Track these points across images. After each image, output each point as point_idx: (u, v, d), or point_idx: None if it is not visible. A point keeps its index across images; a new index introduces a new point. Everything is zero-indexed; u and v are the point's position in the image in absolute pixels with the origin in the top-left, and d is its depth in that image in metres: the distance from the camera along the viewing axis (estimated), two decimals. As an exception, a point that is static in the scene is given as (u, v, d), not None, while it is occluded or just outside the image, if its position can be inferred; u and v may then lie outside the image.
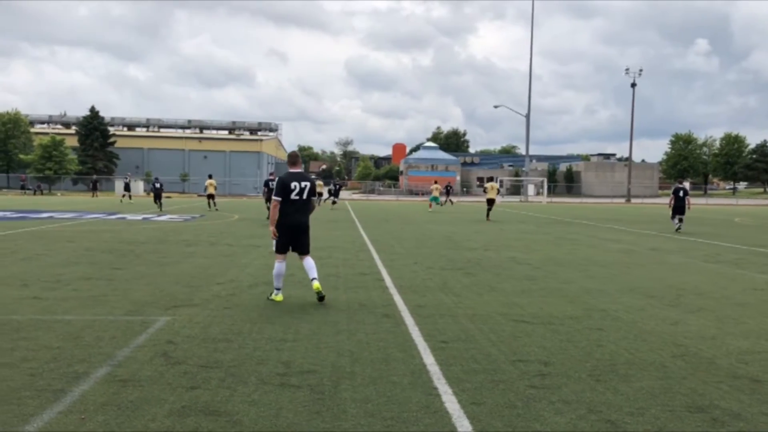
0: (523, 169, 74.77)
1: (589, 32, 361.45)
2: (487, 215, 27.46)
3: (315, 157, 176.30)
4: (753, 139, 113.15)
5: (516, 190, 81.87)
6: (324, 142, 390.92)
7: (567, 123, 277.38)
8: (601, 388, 4.67)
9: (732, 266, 12.11)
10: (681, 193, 21.65)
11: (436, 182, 41.00)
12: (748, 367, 5.26)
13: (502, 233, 20.01)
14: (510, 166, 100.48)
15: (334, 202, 39.00)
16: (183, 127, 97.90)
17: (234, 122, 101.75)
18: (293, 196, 7.70)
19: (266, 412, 4.08)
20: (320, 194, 39.96)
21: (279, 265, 7.82)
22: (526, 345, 5.90)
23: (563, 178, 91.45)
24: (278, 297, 7.89)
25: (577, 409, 4.22)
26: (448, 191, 47.46)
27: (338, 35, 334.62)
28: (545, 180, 71.89)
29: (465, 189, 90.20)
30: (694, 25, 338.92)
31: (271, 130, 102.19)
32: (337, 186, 40.40)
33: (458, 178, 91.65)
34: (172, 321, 6.62)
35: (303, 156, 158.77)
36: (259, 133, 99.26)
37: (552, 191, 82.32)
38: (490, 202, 27.36)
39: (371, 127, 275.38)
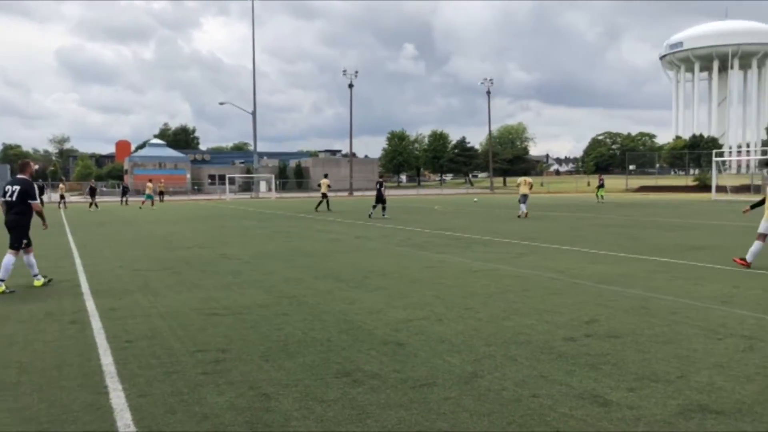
0: (254, 165, 75.41)
1: (312, 33, 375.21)
2: (318, 207, 31.33)
3: (26, 157, 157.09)
4: (455, 136, 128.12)
5: (247, 186, 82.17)
6: (35, 139, 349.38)
7: (296, 120, 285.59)
8: (268, 366, 5.17)
9: (417, 248, 13.80)
10: (379, 186, 26.15)
11: (150, 180, 42.87)
12: (398, 334, 6.19)
13: (223, 230, 20.16)
14: (242, 163, 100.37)
15: (126, 202, 44.01)
16: None
17: None
18: (6, 197, 9.08)
19: None
20: (62, 197, 41.57)
21: (8, 258, 9.01)
22: (210, 336, 6.21)
23: (293, 174, 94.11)
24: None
25: (240, 387, 4.64)
26: (125, 191, 46.97)
27: (45, 22, 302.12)
28: (273, 176, 73.48)
29: (196, 187, 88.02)
30: (403, 31, 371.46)
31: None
32: (94, 188, 42.28)
33: (188, 175, 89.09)
34: None
35: (10, 155, 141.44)
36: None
37: (283, 187, 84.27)
38: (324, 196, 31.20)
39: (91, 123, 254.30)
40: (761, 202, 10.82)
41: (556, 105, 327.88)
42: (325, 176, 32.38)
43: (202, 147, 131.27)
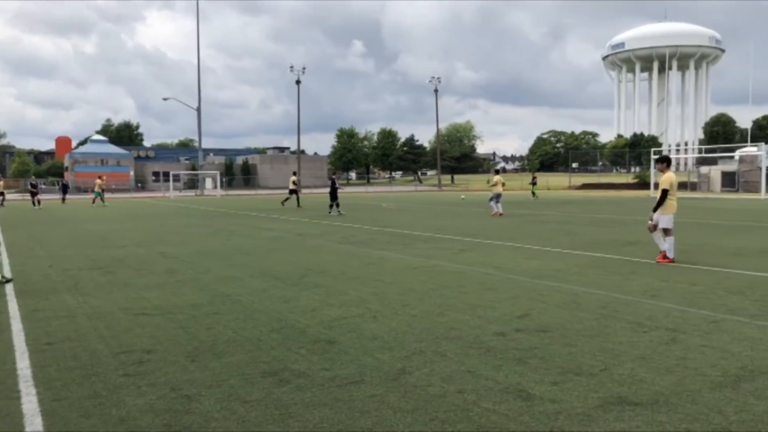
0: (199, 162, 74.13)
1: (259, 29, 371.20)
2: (299, 204, 32.19)
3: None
4: (404, 134, 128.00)
5: (193, 184, 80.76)
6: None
7: (243, 117, 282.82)
8: (193, 367, 5.04)
9: (359, 245, 13.76)
10: (332, 183, 26.29)
11: (100, 177, 41.93)
12: (330, 332, 6.13)
13: (163, 228, 19.71)
14: (187, 159, 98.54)
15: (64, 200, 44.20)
16: None
17: None
18: None
19: None
20: (2, 194, 39.72)
21: None
22: (137, 336, 6.02)
23: (240, 171, 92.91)
24: None
25: (161, 389, 4.51)
26: (65, 189, 46.45)
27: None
28: (218, 173, 72.51)
29: (139, 185, 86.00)
30: (351, 28, 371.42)
31: None
32: (35, 184, 40.33)
33: (132, 173, 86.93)
34: None
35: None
36: None
37: (230, 184, 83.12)
38: (292, 192, 32.32)
39: (29, 119, 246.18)
40: (659, 204, 10.82)
41: (503, 104, 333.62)
42: (294, 174, 32.93)
43: (146, 143, 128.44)
